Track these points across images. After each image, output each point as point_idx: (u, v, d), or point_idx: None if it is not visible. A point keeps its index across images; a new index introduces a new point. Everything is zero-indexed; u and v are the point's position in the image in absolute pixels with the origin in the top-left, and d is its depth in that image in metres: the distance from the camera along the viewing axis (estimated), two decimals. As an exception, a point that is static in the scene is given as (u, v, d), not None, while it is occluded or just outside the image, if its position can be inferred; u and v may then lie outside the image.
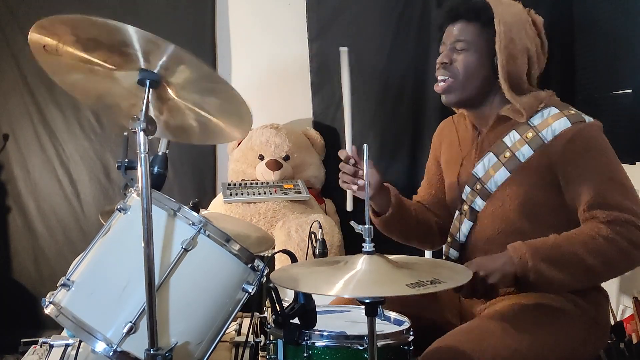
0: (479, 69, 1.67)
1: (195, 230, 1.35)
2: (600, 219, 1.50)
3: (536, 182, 1.60)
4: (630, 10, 2.45)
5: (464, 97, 1.71)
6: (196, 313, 1.36)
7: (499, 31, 1.62)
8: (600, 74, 2.73)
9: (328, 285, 1.18)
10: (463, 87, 1.68)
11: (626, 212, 1.49)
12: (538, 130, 1.60)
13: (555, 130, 1.58)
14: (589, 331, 1.60)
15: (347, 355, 1.35)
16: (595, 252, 1.47)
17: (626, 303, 2.36)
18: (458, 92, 1.70)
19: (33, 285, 3.20)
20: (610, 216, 1.49)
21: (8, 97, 3.17)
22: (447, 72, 1.69)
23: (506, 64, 1.63)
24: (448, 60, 1.69)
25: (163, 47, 1.24)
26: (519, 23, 1.65)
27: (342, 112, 1.73)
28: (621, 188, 1.54)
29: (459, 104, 1.75)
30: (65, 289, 1.38)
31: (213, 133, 1.56)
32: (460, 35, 1.68)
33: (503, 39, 1.62)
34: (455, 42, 1.69)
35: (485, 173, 1.68)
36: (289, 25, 3.25)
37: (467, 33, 1.68)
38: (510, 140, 1.64)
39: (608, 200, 1.51)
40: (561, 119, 1.59)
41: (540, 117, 1.62)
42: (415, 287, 1.15)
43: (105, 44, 1.28)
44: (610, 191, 1.52)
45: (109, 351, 1.29)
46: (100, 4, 3.14)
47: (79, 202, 3.22)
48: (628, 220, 1.48)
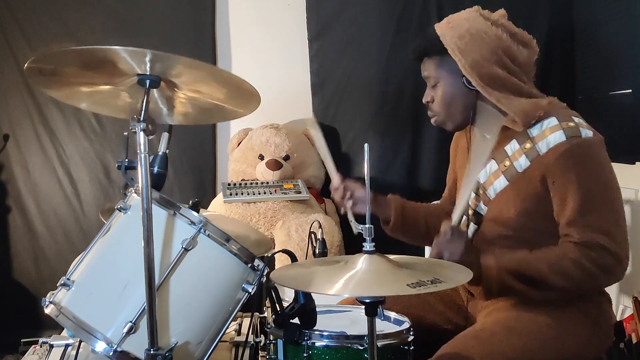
0: (455, 97, 1.70)
1: (195, 229, 1.35)
2: (573, 238, 1.52)
3: (531, 193, 1.60)
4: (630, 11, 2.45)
5: (457, 123, 1.75)
6: (196, 313, 1.36)
7: (457, 59, 1.62)
8: (600, 74, 2.73)
9: (328, 285, 1.18)
10: (450, 117, 1.73)
11: (602, 234, 1.49)
12: (535, 141, 1.60)
13: (549, 143, 1.57)
14: (592, 333, 1.61)
15: (347, 355, 1.35)
16: (561, 274, 1.51)
17: (626, 303, 2.36)
18: (448, 123, 1.75)
19: (33, 285, 3.20)
20: (584, 238, 1.50)
21: (8, 97, 3.17)
22: (431, 111, 1.77)
23: (481, 81, 1.61)
24: (429, 99, 1.76)
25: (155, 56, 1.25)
26: (472, 40, 1.62)
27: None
28: (605, 209, 1.53)
29: (458, 129, 1.79)
30: (65, 288, 1.38)
31: (229, 111, 1.59)
32: (426, 72, 1.74)
33: (465, 64, 1.61)
34: (427, 79, 1.76)
35: (487, 179, 1.69)
36: (289, 25, 3.25)
37: (430, 69, 1.73)
38: (511, 150, 1.65)
39: (587, 220, 1.51)
40: (557, 132, 1.56)
41: (539, 127, 1.60)
42: (415, 286, 1.15)
43: (97, 65, 1.30)
44: (592, 211, 1.52)
45: (109, 351, 1.29)
46: (101, 5, 3.14)
47: (79, 202, 3.22)
48: (601, 244, 1.49)
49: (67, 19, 3.13)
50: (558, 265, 1.51)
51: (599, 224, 1.51)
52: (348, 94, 3.21)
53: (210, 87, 1.43)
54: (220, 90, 1.45)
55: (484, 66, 1.61)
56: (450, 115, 1.72)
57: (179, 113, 1.55)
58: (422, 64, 1.75)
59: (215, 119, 2.51)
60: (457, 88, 1.68)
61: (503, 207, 1.64)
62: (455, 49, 1.62)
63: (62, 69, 1.35)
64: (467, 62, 1.61)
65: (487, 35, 1.63)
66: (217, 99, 1.48)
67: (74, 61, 1.33)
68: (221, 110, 1.54)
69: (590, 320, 1.61)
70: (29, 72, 1.30)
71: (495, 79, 1.62)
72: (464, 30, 1.63)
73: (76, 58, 1.32)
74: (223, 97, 1.48)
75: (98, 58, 1.29)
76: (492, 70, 1.62)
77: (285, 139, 3.03)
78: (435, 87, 1.72)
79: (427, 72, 1.73)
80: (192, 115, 1.58)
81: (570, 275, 1.50)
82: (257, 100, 1.44)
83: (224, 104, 1.50)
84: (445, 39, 1.64)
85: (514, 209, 1.62)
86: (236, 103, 1.51)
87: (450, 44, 1.62)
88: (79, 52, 1.28)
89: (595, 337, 1.62)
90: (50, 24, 3.13)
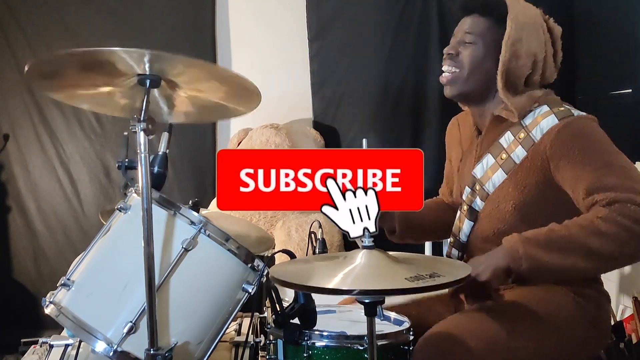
0: (483, 64, 1.67)
1: (195, 229, 1.35)
2: (599, 202, 1.46)
3: (531, 183, 1.59)
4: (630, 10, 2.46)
5: (466, 90, 1.70)
6: (196, 313, 1.36)
7: (509, 27, 1.61)
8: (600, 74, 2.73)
9: (326, 279, 1.17)
10: (466, 79, 1.68)
11: (626, 191, 1.44)
12: (529, 130, 1.60)
13: (543, 128, 1.57)
14: (590, 331, 1.60)
15: (347, 355, 1.35)
16: (596, 233, 1.41)
17: (626, 303, 2.36)
18: (461, 84, 1.70)
19: (33, 285, 3.20)
20: (609, 197, 1.44)
21: (8, 97, 3.18)
22: (453, 62, 1.70)
23: (507, 61, 1.62)
24: (454, 51, 1.70)
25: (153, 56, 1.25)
26: (531, 25, 1.64)
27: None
28: (618, 170, 1.49)
29: (460, 96, 1.75)
30: (65, 288, 1.38)
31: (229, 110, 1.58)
32: (471, 28, 1.69)
33: (511, 36, 1.61)
34: (464, 35, 1.69)
35: (484, 174, 1.68)
36: (289, 25, 3.25)
37: (478, 26, 1.68)
38: (506, 142, 1.65)
39: (605, 183, 1.46)
40: (549, 117, 1.58)
41: (532, 116, 1.62)
42: (414, 280, 1.14)
43: (97, 66, 1.31)
44: (607, 175, 1.48)
45: (109, 351, 1.29)
46: (101, 5, 3.14)
47: (79, 202, 3.22)
48: (628, 199, 1.43)
49: (67, 19, 3.14)
50: (591, 226, 1.42)
51: (618, 183, 1.45)
52: (348, 94, 3.21)
53: (211, 86, 1.43)
54: (221, 88, 1.45)
55: (523, 52, 1.62)
56: (470, 77, 1.68)
57: (179, 112, 1.55)
58: (468, 18, 1.70)
59: (216, 118, 2.52)
60: (488, 58, 1.66)
61: (501, 201, 1.64)
62: (515, 19, 1.61)
63: (61, 72, 1.35)
64: (516, 35, 1.60)
65: (543, 32, 1.66)
66: (217, 97, 1.48)
67: (73, 63, 1.33)
68: (222, 108, 1.54)
69: (589, 319, 1.60)
70: (28, 75, 1.30)
71: (518, 69, 1.63)
72: (530, 13, 1.66)
73: (75, 60, 1.32)
74: (223, 95, 1.48)
75: (97, 59, 1.29)
76: (525, 60, 1.63)
77: (285, 139, 3.03)
78: (469, 45, 1.68)
79: (471, 28, 1.68)
80: (193, 114, 1.57)
81: (606, 233, 1.40)
82: (257, 97, 1.44)
83: (225, 102, 1.50)
84: (513, 6, 1.63)
85: (512, 202, 1.62)
86: (237, 101, 1.51)
87: (515, 12, 1.62)
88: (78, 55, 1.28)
89: (594, 336, 1.61)
90: (50, 24, 3.13)
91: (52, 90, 1.46)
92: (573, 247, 1.43)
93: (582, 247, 1.42)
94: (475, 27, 1.68)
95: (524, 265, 1.44)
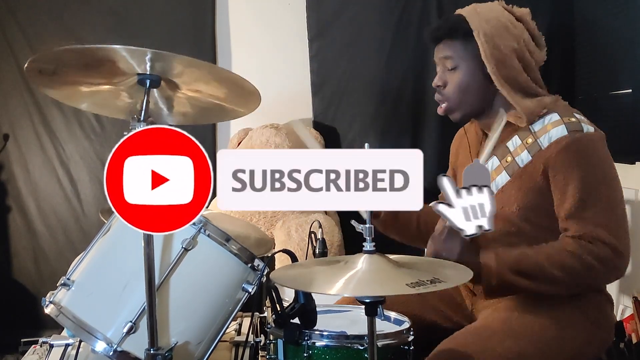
0: (472, 84, 1.68)
1: (195, 229, 1.35)
2: (572, 232, 1.52)
3: (532, 187, 1.60)
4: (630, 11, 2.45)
5: (466, 113, 1.73)
6: (196, 313, 1.36)
7: (480, 42, 1.62)
8: (600, 74, 2.73)
9: (328, 285, 1.18)
10: (460, 105, 1.70)
11: (601, 228, 1.50)
12: (537, 136, 1.61)
13: (551, 137, 1.58)
14: (592, 334, 1.60)
15: (347, 355, 1.35)
16: (560, 267, 1.50)
17: (626, 303, 2.36)
18: (458, 111, 1.72)
19: (33, 285, 3.20)
20: (583, 231, 1.51)
21: (8, 97, 3.17)
22: (440, 96, 1.72)
23: (497, 70, 1.62)
24: (441, 82, 1.71)
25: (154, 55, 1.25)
26: (498, 27, 1.63)
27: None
28: (604, 204, 1.53)
29: (464, 119, 1.77)
30: (65, 288, 1.38)
31: (229, 111, 1.58)
32: (446, 53, 1.70)
33: (486, 49, 1.61)
34: (445, 61, 1.71)
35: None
36: (289, 25, 3.25)
37: (453, 49, 1.68)
38: (513, 145, 1.65)
39: (586, 214, 1.52)
40: (559, 127, 1.58)
41: (542, 123, 1.62)
42: (415, 286, 1.15)
43: (97, 64, 1.30)
44: (591, 205, 1.52)
45: (109, 351, 1.29)
46: (101, 4, 3.14)
47: (79, 202, 3.22)
48: (599, 237, 1.49)
49: (67, 19, 3.13)
50: (556, 258, 1.50)
51: (598, 218, 1.51)
52: (348, 94, 3.20)
53: (211, 87, 1.43)
54: (221, 89, 1.45)
55: (504, 55, 1.62)
56: (463, 102, 1.69)
57: (179, 113, 1.55)
58: (439, 46, 1.71)
59: (215, 119, 2.51)
60: (476, 75, 1.66)
61: (505, 203, 1.64)
62: (481, 32, 1.61)
63: (62, 69, 1.35)
64: (489, 46, 1.61)
65: (512, 25, 1.64)
66: (217, 98, 1.48)
67: (73, 61, 1.33)
68: (221, 109, 1.54)
69: (591, 321, 1.60)
70: (28, 72, 1.30)
71: (511, 71, 1.63)
72: (492, 17, 1.64)
73: (76, 57, 1.32)
74: (223, 96, 1.48)
75: (98, 57, 1.29)
76: (511, 61, 1.63)
77: (285, 139, 3.03)
78: (453, 70, 1.68)
79: (446, 54, 1.69)
80: (192, 115, 1.58)
81: (568, 267, 1.50)
82: (257, 99, 1.45)
83: (224, 103, 1.50)
84: (473, 21, 1.63)
85: (515, 204, 1.62)
86: (236, 102, 1.51)
87: (477, 26, 1.62)
88: (79, 52, 1.29)
89: (596, 338, 1.62)
90: (50, 24, 3.13)
91: (52, 88, 1.46)
92: (540, 275, 1.52)
93: (548, 276, 1.51)
94: (450, 50, 1.69)
95: (494, 282, 1.52)
